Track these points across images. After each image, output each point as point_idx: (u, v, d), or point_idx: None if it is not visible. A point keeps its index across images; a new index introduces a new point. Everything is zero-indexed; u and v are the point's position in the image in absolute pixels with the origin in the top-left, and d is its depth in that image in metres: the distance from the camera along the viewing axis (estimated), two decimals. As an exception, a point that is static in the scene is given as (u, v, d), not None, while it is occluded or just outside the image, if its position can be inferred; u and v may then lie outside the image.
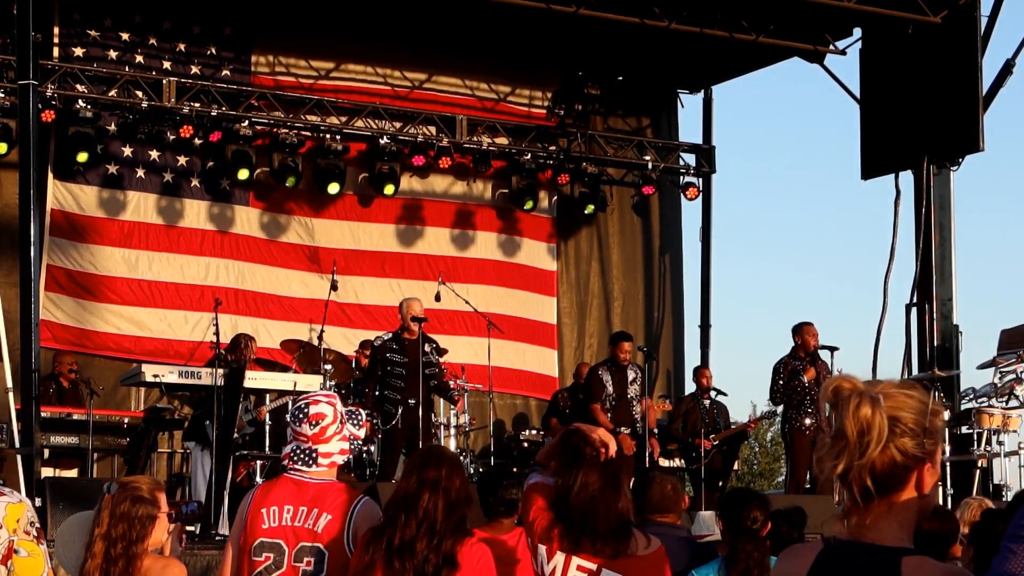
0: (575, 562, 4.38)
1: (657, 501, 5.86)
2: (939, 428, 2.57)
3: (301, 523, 4.59)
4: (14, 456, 10.39)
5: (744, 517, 5.58)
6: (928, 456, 2.54)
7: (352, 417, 4.84)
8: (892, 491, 2.55)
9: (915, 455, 2.53)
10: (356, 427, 4.83)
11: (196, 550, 9.30)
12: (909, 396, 2.55)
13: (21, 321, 10.92)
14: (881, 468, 2.54)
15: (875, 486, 2.54)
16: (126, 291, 14.92)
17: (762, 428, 27.03)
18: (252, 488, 4.89)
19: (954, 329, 14.45)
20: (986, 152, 14.02)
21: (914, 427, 2.53)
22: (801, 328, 13.08)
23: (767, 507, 5.71)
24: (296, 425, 4.73)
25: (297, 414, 4.74)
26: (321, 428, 4.68)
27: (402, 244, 16.48)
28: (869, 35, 15.01)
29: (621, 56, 16.96)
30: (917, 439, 2.53)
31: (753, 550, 5.49)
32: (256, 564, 4.59)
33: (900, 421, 2.53)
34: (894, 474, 2.54)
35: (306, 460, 4.69)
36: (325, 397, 4.80)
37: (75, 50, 14.85)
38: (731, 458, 14.62)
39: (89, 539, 4.70)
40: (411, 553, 4.31)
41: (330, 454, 4.71)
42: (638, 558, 4.39)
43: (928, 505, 2.58)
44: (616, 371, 12.81)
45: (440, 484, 4.39)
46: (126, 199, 15.08)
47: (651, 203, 17.84)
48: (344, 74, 16.31)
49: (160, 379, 11.33)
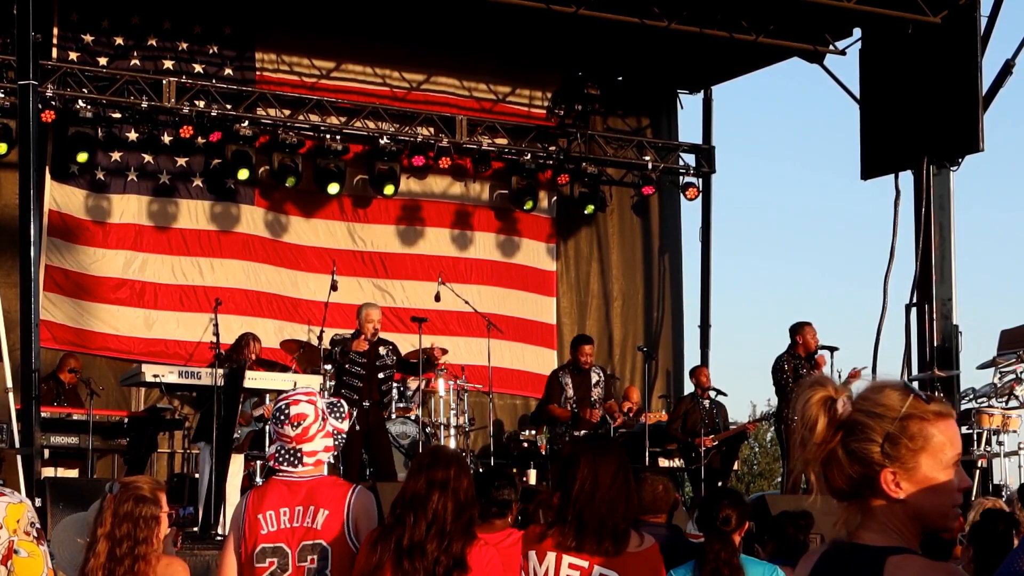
0: (566, 560, 4.37)
1: (648, 502, 5.84)
2: (921, 434, 2.51)
3: (300, 523, 4.57)
4: (14, 456, 10.38)
5: (716, 517, 5.53)
6: (891, 463, 2.49)
7: (334, 410, 4.78)
8: (865, 494, 2.52)
9: (873, 461, 2.50)
10: (339, 420, 4.77)
11: (196, 550, 9.30)
12: (880, 401, 2.52)
13: (21, 321, 10.91)
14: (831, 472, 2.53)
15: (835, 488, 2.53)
16: (125, 291, 14.92)
17: (762, 428, 27.02)
18: (244, 495, 4.85)
19: (954, 329, 14.45)
20: (986, 152, 14.03)
21: (872, 435, 2.50)
22: (801, 328, 13.05)
23: (741, 506, 5.63)
24: (278, 427, 4.69)
25: (278, 415, 4.69)
26: (303, 428, 4.65)
27: (402, 244, 16.49)
28: (869, 35, 15.02)
29: (621, 56, 16.97)
30: (874, 446, 2.50)
31: (720, 549, 5.42)
32: (260, 571, 4.57)
33: (857, 428, 2.51)
34: (850, 479, 2.52)
35: (291, 461, 4.66)
36: (305, 396, 4.73)
37: (73, 52, 14.86)
38: (731, 458, 14.63)
39: (91, 539, 4.69)
40: (421, 554, 4.30)
41: (315, 452, 4.68)
42: (630, 555, 4.38)
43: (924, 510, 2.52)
44: (577, 374, 12.89)
45: (449, 484, 4.37)
46: (125, 200, 15.08)
47: (651, 203, 17.84)
48: (344, 74, 16.32)
49: (160, 379, 11.32)
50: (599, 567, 4.35)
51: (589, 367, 13.02)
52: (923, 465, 2.51)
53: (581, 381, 12.87)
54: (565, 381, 12.91)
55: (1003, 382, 13.24)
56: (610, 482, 4.41)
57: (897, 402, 2.52)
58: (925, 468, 2.51)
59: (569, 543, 4.37)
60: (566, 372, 13.05)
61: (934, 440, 2.52)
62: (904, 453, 2.51)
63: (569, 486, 4.42)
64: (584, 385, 12.85)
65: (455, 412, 13.62)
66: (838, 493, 2.55)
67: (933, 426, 2.52)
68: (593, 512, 4.36)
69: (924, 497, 2.51)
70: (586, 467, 4.43)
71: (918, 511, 2.52)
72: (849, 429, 2.52)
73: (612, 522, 4.38)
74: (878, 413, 2.52)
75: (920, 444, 2.51)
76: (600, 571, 4.34)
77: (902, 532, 2.52)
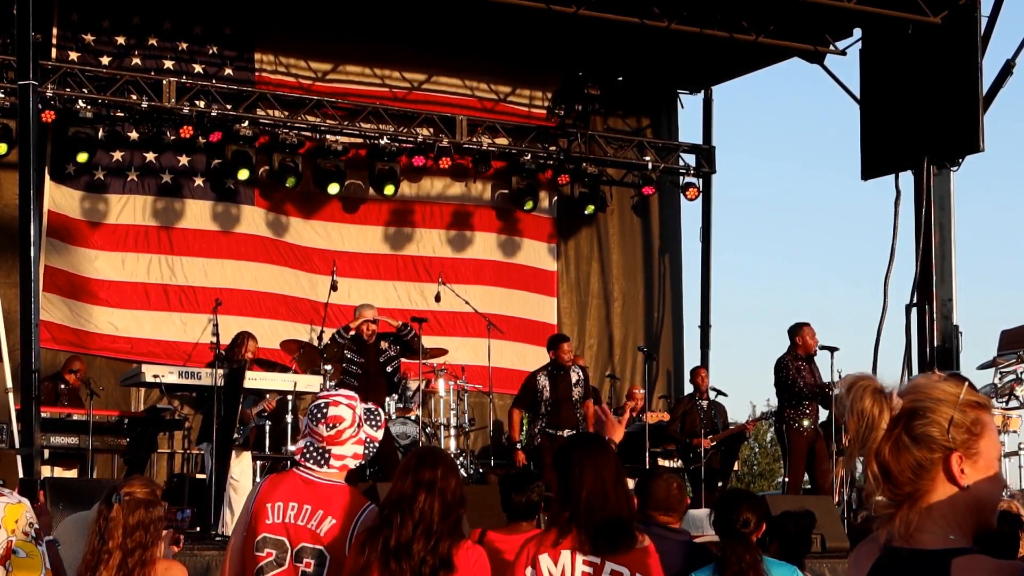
0: (580, 559, 4.42)
1: (662, 499, 5.81)
2: (978, 420, 2.49)
3: (304, 522, 4.54)
4: (14, 456, 10.38)
5: (735, 520, 5.53)
6: (957, 447, 2.47)
7: (371, 417, 4.76)
8: (922, 488, 2.48)
9: (941, 444, 2.47)
10: (374, 428, 4.75)
11: (196, 550, 9.30)
12: (936, 388, 2.51)
13: (21, 321, 10.91)
14: (896, 462, 2.49)
15: (894, 482, 2.49)
16: (124, 292, 14.92)
17: (762, 428, 27.02)
18: (261, 479, 4.84)
19: (954, 329, 14.43)
20: (986, 152, 14.01)
21: (937, 418, 2.48)
22: (800, 329, 13.04)
23: (760, 508, 5.65)
24: (313, 423, 4.65)
25: (315, 412, 4.66)
26: (338, 431, 4.61)
27: (402, 245, 16.49)
28: (869, 35, 15.01)
29: (621, 56, 16.97)
30: (939, 430, 2.47)
31: (744, 552, 5.43)
32: (258, 559, 4.55)
33: (919, 412, 2.49)
34: (915, 467, 2.48)
35: (318, 460, 4.63)
36: (345, 399, 4.70)
37: (73, 52, 14.86)
38: (730, 459, 14.63)
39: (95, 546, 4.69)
40: (408, 554, 4.29)
41: (343, 456, 4.64)
42: (637, 551, 4.45)
43: (983, 500, 2.49)
44: (556, 374, 12.60)
45: (436, 485, 4.37)
46: (125, 200, 15.09)
47: (651, 203, 17.85)
48: (344, 74, 16.32)
49: (160, 379, 11.33)
50: (610, 563, 4.40)
51: (570, 365, 12.74)
52: (983, 452, 2.50)
53: (560, 381, 12.63)
54: (542, 383, 12.59)
55: (1003, 382, 13.23)
56: (614, 481, 4.48)
57: (955, 388, 2.51)
58: (985, 455, 2.50)
59: (582, 543, 4.42)
60: (544, 374, 12.68)
61: (990, 428, 2.52)
62: (968, 439, 2.49)
63: (576, 488, 4.45)
64: (564, 384, 12.60)
65: (455, 412, 13.62)
66: (897, 487, 2.50)
67: (987, 414, 2.53)
68: (604, 511, 4.42)
69: (985, 485, 2.49)
70: (589, 468, 4.47)
71: (978, 501, 2.49)
72: (911, 415, 2.50)
73: (622, 520, 4.44)
74: (939, 398, 2.50)
75: (980, 430, 2.50)
76: (611, 567, 4.40)
77: (963, 526, 2.48)
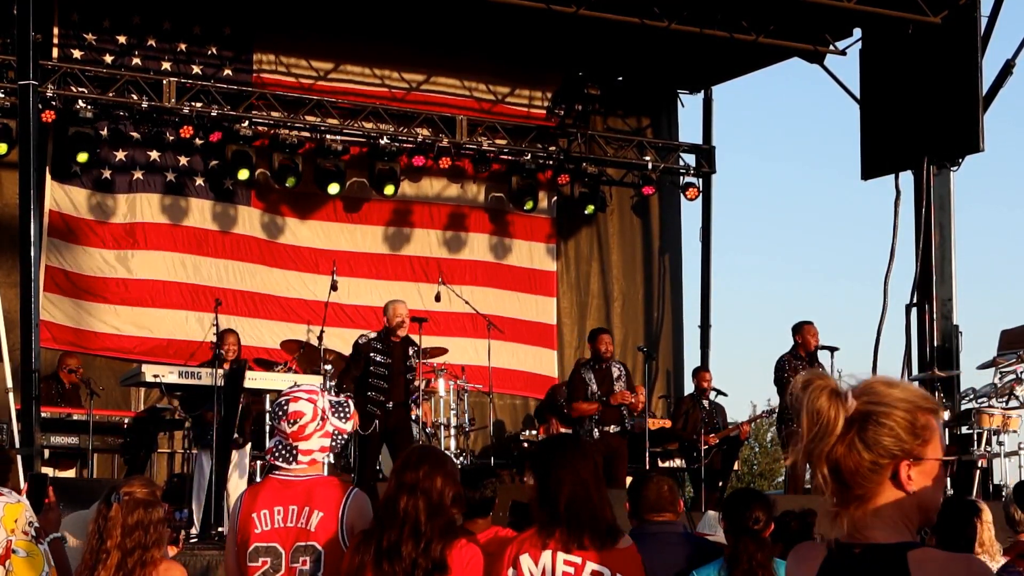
0: (561, 558, 4.43)
1: (654, 501, 5.84)
2: (928, 426, 2.50)
3: (294, 523, 4.54)
4: (14, 456, 10.37)
5: (747, 517, 5.56)
6: (906, 454, 2.48)
7: (338, 410, 4.72)
8: (870, 490, 2.50)
9: (891, 451, 2.48)
10: (342, 420, 4.71)
11: (196, 550, 9.30)
12: (893, 392, 2.51)
13: (21, 321, 10.91)
14: (848, 464, 2.50)
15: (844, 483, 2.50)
16: (125, 292, 14.92)
17: (762, 428, 27.00)
18: (241, 493, 4.83)
19: (954, 329, 14.44)
20: (986, 152, 14.02)
21: (890, 422, 2.48)
22: (801, 328, 13.05)
23: (770, 507, 5.68)
24: (276, 421, 4.68)
25: (277, 411, 4.67)
26: (300, 427, 4.61)
27: (402, 245, 16.48)
28: (869, 35, 15.01)
29: (621, 56, 16.96)
30: (891, 436, 2.48)
31: (756, 550, 5.46)
32: (253, 570, 4.55)
33: (874, 416, 2.49)
34: (867, 471, 2.49)
35: (287, 457, 4.63)
36: (306, 394, 4.68)
37: (74, 51, 14.86)
38: (731, 458, 14.62)
39: (95, 546, 4.69)
40: (398, 556, 4.30)
41: (310, 451, 4.64)
42: (618, 551, 4.47)
43: (927, 502, 2.52)
44: (599, 369, 12.53)
45: (417, 487, 4.35)
46: (125, 200, 15.08)
47: (651, 203, 17.84)
48: (344, 75, 16.32)
49: (160, 379, 11.31)
50: (591, 563, 4.41)
51: (610, 358, 12.66)
52: (929, 457, 2.51)
53: (603, 376, 12.57)
54: (588, 377, 12.62)
55: (1003, 382, 13.23)
56: (594, 481, 4.51)
57: (907, 394, 2.52)
58: (930, 460, 2.51)
59: (564, 542, 4.43)
60: (588, 369, 12.62)
61: (937, 433, 2.53)
62: (916, 444, 2.50)
63: (555, 488, 4.48)
64: (607, 380, 12.52)
65: (455, 412, 13.61)
66: (846, 490, 2.51)
67: (936, 419, 2.54)
68: (586, 511, 4.44)
69: (929, 491, 2.51)
70: (569, 468, 4.50)
71: (922, 503, 2.52)
72: (863, 419, 2.50)
73: (604, 519, 4.47)
74: (890, 403, 2.50)
75: (928, 435, 2.52)
76: (592, 567, 4.41)
77: (909, 526, 2.51)
